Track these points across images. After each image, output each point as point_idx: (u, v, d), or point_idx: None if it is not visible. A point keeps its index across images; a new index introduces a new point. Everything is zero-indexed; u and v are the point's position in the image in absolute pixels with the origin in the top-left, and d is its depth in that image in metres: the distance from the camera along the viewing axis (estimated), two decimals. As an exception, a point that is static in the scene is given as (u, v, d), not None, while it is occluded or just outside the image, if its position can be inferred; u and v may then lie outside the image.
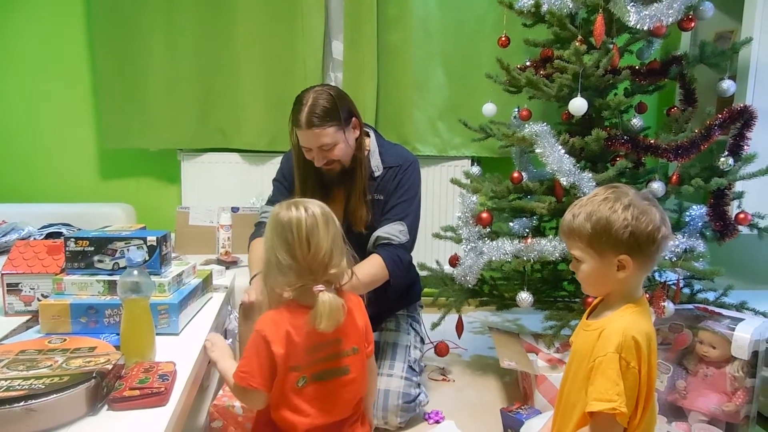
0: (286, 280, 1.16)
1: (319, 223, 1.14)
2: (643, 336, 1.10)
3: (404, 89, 2.81)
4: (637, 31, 1.97)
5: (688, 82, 2.10)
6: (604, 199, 1.13)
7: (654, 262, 1.16)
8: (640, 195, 1.14)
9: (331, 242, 1.16)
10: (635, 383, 1.09)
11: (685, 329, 1.78)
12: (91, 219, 2.36)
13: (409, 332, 1.99)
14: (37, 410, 0.90)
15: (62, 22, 2.80)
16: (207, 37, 2.75)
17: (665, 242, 1.14)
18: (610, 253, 1.11)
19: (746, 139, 1.93)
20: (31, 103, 2.84)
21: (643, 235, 1.10)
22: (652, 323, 1.17)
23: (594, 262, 1.14)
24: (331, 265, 1.16)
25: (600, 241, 1.12)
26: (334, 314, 1.12)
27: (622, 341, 1.08)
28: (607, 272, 1.13)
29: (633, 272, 1.12)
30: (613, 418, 1.07)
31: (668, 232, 1.14)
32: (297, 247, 1.13)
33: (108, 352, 1.12)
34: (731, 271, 1.91)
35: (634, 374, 1.08)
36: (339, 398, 1.20)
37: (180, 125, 2.81)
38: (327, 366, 1.19)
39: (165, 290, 1.38)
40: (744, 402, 1.66)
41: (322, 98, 1.70)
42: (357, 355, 1.22)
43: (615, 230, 1.10)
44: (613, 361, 1.08)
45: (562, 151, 1.89)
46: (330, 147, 1.73)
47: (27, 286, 1.47)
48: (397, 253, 1.80)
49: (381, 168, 1.88)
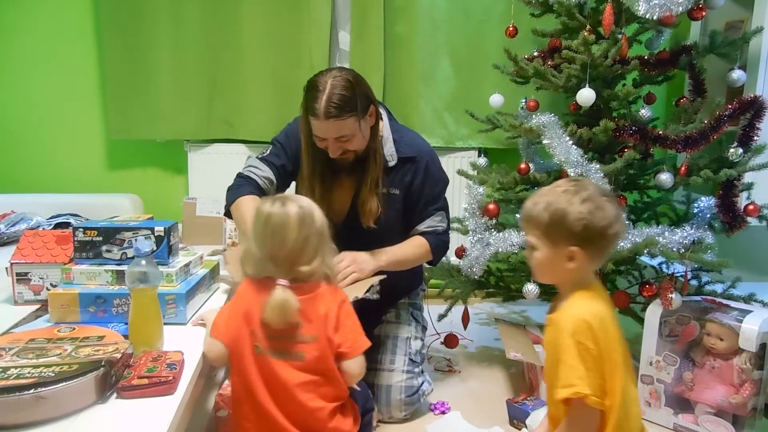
0: (254, 268, 1.26)
1: (291, 221, 1.22)
2: (594, 318, 1.12)
3: (411, 80, 2.80)
4: (647, 21, 1.95)
5: (697, 72, 2.08)
6: (564, 191, 1.16)
7: (604, 256, 1.20)
8: (600, 190, 1.17)
9: (302, 241, 1.22)
10: (596, 364, 1.11)
11: (693, 321, 1.77)
12: (98, 209, 2.37)
13: (410, 323, 1.96)
14: (47, 398, 0.91)
15: (69, 14, 2.80)
16: (213, 28, 2.75)
17: (616, 239, 1.17)
18: (563, 243, 1.15)
19: (756, 129, 1.91)
20: (39, 95, 2.85)
21: (596, 230, 1.13)
22: (607, 306, 1.19)
23: (547, 250, 1.18)
24: (299, 262, 1.22)
25: (554, 231, 1.15)
26: (282, 311, 1.18)
27: (574, 326, 1.12)
28: (557, 261, 1.17)
29: (582, 264, 1.16)
30: (583, 401, 1.09)
31: (621, 228, 1.17)
32: (263, 239, 1.23)
33: (116, 341, 1.13)
34: (739, 263, 1.90)
35: (593, 356, 1.11)
36: (290, 379, 1.21)
37: (186, 116, 2.81)
38: (281, 346, 1.22)
39: (173, 280, 1.39)
40: (751, 394, 1.66)
41: (340, 85, 1.57)
42: (315, 344, 1.23)
43: (570, 222, 1.13)
44: (569, 347, 1.11)
45: (570, 142, 1.88)
46: (347, 138, 1.63)
47: (36, 276, 1.48)
48: (442, 238, 1.86)
49: (395, 158, 1.78)
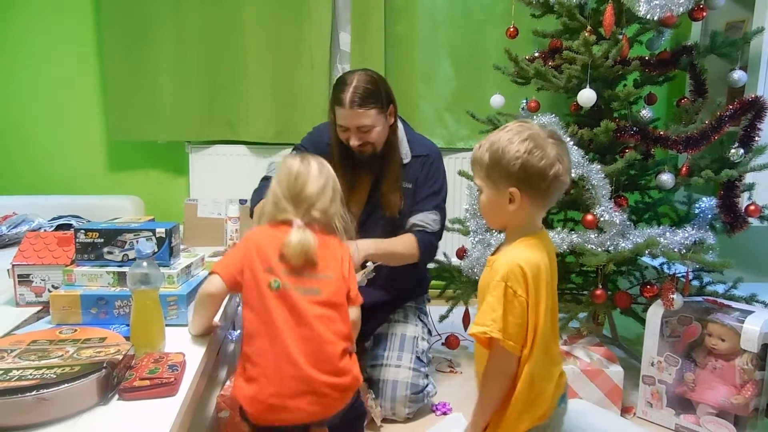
0: (273, 211, 1.33)
1: (313, 168, 1.34)
2: (531, 266, 1.12)
3: (411, 81, 2.80)
4: (647, 21, 1.95)
5: (698, 72, 2.08)
6: (507, 131, 1.15)
7: (548, 200, 1.18)
8: (547, 132, 1.15)
9: (322, 185, 1.33)
10: (522, 312, 1.11)
11: (694, 322, 1.77)
12: (100, 211, 2.37)
13: (417, 323, 1.99)
14: (49, 399, 0.91)
15: (70, 15, 2.80)
16: (214, 30, 2.75)
17: (558, 181, 1.14)
18: (503, 184, 1.14)
19: (757, 130, 1.91)
20: (40, 96, 2.85)
21: (534, 170, 1.11)
22: (549, 256, 1.19)
23: (490, 192, 1.18)
24: (315, 207, 1.32)
25: (494, 172, 1.15)
26: (300, 247, 1.25)
27: (508, 270, 1.11)
28: (500, 204, 1.16)
29: (524, 207, 1.15)
30: (500, 344, 1.10)
31: (563, 170, 1.14)
32: (286, 179, 1.33)
33: (118, 343, 1.13)
34: (741, 264, 1.90)
35: (521, 303, 1.11)
36: (307, 310, 1.24)
37: (188, 118, 2.81)
38: (299, 282, 1.26)
39: (174, 282, 1.39)
40: (753, 395, 1.66)
41: (365, 80, 1.75)
42: (331, 281, 1.30)
43: (507, 161, 1.12)
44: (497, 288, 1.11)
45: (571, 143, 1.88)
46: (368, 129, 1.76)
47: (38, 277, 1.49)
48: (431, 239, 1.87)
49: (409, 156, 1.90)
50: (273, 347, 1.22)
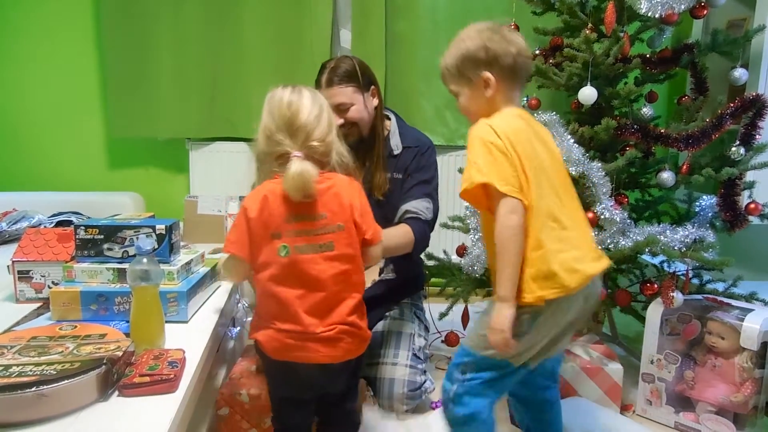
0: (269, 149, 1.22)
1: (304, 97, 1.25)
2: (503, 127, 1.20)
3: (412, 78, 2.80)
4: (649, 19, 1.94)
5: (699, 70, 2.08)
6: (460, 35, 1.29)
7: (517, 77, 1.29)
8: (495, 25, 1.29)
9: (315, 114, 1.23)
10: (506, 158, 1.16)
11: (694, 320, 1.77)
12: (100, 207, 2.37)
13: (413, 320, 1.99)
14: (49, 395, 0.91)
15: (70, 11, 2.80)
16: (214, 26, 2.75)
17: (522, 57, 1.27)
18: (475, 74, 1.27)
19: (758, 128, 1.91)
20: (40, 92, 2.85)
21: (499, 50, 1.24)
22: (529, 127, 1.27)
23: (466, 89, 1.30)
24: (312, 136, 1.22)
25: (465, 67, 1.28)
26: (301, 179, 1.15)
27: (480, 129, 1.20)
28: (478, 95, 1.28)
29: (499, 89, 1.26)
30: (495, 191, 1.14)
31: (522, 48, 1.27)
32: (277, 109, 1.23)
33: (118, 339, 1.13)
34: (741, 262, 1.90)
35: (502, 150, 1.16)
36: (322, 272, 1.20)
37: (188, 114, 2.81)
38: (309, 240, 1.20)
39: (174, 278, 1.39)
40: (752, 393, 1.66)
41: (344, 62, 1.81)
42: (342, 232, 1.22)
43: (473, 52, 1.26)
44: (472, 145, 1.19)
45: (572, 141, 1.87)
46: (347, 107, 1.78)
47: (38, 274, 1.49)
48: (424, 227, 1.86)
49: (400, 147, 1.92)
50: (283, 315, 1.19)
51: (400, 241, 1.79)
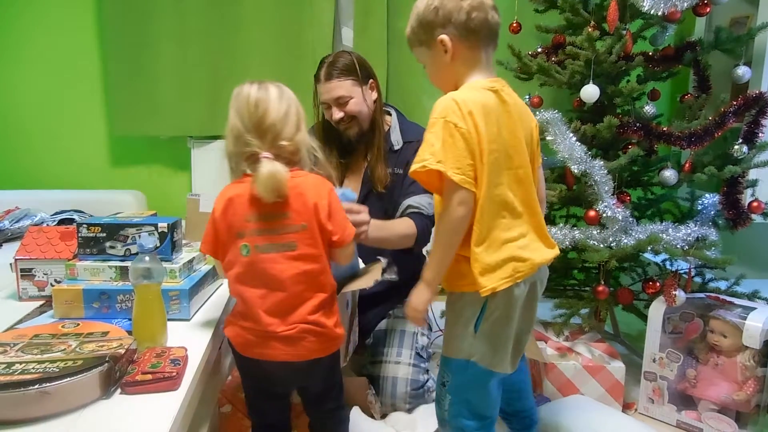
0: (237, 149, 1.21)
1: (271, 92, 1.24)
2: (468, 101, 1.12)
3: (414, 76, 2.79)
4: (651, 17, 1.94)
5: (702, 68, 2.07)
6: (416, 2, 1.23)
7: (478, 37, 1.19)
8: None
9: (283, 112, 1.21)
10: (467, 144, 1.10)
11: (697, 318, 1.77)
12: (102, 206, 2.37)
13: None
14: (52, 393, 0.92)
15: (72, 10, 2.80)
16: (216, 25, 2.74)
17: (479, 12, 1.17)
18: (431, 39, 1.20)
19: (761, 126, 1.90)
20: (42, 91, 2.85)
21: (449, 7, 1.17)
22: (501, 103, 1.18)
23: (428, 56, 1.23)
24: (281, 135, 1.20)
25: (422, 33, 1.21)
26: (272, 180, 1.14)
27: (445, 105, 1.13)
28: (439, 60, 1.21)
29: (459, 51, 1.19)
30: (446, 177, 1.10)
31: (477, 2, 1.17)
32: (245, 109, 1.21)
33: (120, 337, 1.13)
34: (743, 260, 1.90)
35: (464, 134, 1.10)
36: (282, 272, 1.19)
37: (190, 113, 2.81)
38: (271, 239, 1.19)
39: (176, 276, 1.39)
40: (755, 391, 1.65)
41: (342, 56, 1.83)
42: (305, 232, 1.20)
43: (424, 16, 1.19)
44: (434, 125, 1.12)
45: (574, 139, 1.87)
46: (346, 100, 1.80)
47: (40, 272, 1.49)
48: (426, 223, 1.84)
49: (401, 142, 1.92)
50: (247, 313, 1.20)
51: (403, 235, 1.78)
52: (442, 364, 1.29)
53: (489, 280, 1.14)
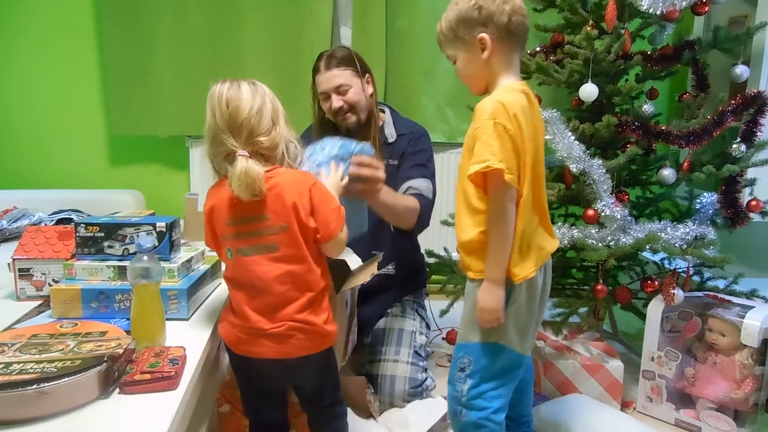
0: (214, 149, 1.21)
1: (243, 91, 1.21)
2: (512, 104, 1.17)
3: (412, 75, 2.79)
4: (650, 16, 1.94)
5: (700, 67, 2.07)
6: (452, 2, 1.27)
7: (514, 38, 1.24)
8: None
9: (257, 108, 1.20)
10: (514, 146, 1.16)
11: (695, 317, 1.77)
12: (100, 205, 2.37)
13: (414, 318, 1.99)
14: (50, 393, 0.91)
15: (70, 8, 2.79)
16: (214, 24, 2.74)
17: (518, 15, 1.23)
18: (470, 36, 1.23)
19: (759, 125, 1.91)
20: (41, 90, 2.85)
21: (493, 8, 1.21)
22: (530, 105, 1.23)
23: (463, 53, 1.26)
24: (256, 132, 1.19)
25: (459, 29, 1.24)
26: (246, 178, 1.13)
27: (493, 108, 1.16)
28: (475, 58, 1.24)
29: (496, 51, 1.23)
30: (501, 176, 1.14)
31: (518, 6, 1.24)
32: (217, 108, 1.20)
33: (119, 337, 1.13)
34: (742, 259, 1.90)
35: (512, 136, 1.16)
36: (265, 273, 1.19)
37: (188, 112, 2.80)
38: (254, 242, 1.19)
39: (174, 276, 1.39)
40: (753, 390, 1.66)
41: (340, 49, 1.88)
42: (286, 233, 1.19)
43: (466, 13, 1.22)
44: (487, 127, 1.16)
45: (572, 138, 1.87)
46: (346, 88, 1.83)
47: (38, 271, 1.49)
48: (427, 204, 1.85)
49: (395, 135, 1.96)
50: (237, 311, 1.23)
51: (409, 208, 1.76)
52: (461, 351, 1.33)
53: (521, 270, 1.23)
